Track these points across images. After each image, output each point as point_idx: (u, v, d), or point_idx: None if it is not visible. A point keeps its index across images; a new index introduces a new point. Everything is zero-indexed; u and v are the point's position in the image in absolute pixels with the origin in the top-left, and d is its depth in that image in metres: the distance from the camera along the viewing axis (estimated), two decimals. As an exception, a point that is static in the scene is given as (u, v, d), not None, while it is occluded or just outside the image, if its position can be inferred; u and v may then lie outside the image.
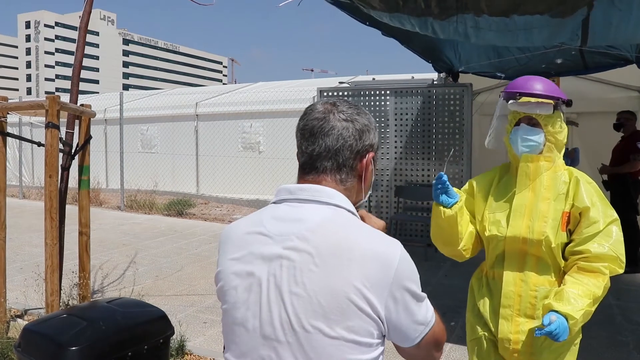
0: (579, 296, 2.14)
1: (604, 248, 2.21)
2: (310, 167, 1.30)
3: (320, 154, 1.28)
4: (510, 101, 2.35)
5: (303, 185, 1.28)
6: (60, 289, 4.23)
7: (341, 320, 1.14)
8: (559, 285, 2.26)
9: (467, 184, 2.58)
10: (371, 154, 1.34)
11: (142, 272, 6.67)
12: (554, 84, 2.35)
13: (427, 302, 1.28)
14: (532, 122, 2.33)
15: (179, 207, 11.44)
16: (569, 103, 2.35)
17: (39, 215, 10.54)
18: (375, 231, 1.26)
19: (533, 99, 2.28)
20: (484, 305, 2.43)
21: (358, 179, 1.32)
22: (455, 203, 2.33)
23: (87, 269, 4.63)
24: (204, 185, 13.50)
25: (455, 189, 2.38)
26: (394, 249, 1.22)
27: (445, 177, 2.28)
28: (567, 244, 2.30)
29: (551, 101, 2.28)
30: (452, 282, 6.33)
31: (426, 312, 1.26)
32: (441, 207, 2.33)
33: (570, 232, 2.31)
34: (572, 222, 2.30)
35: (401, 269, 1.20)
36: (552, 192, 2.32)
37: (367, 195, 1.39)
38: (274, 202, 1.31)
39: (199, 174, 13.61)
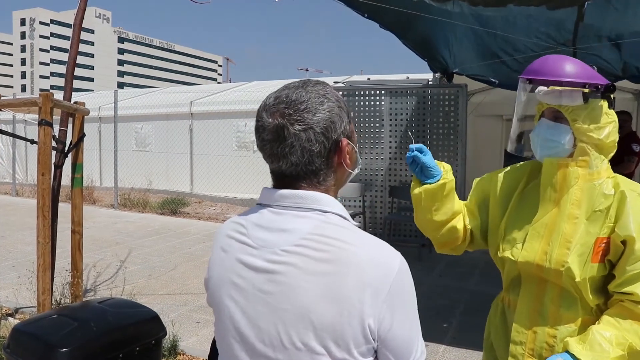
0: (609, 343, 1.63)
1: None
2: (282, 176, 1.20)
3: (288, 168, 1.17)
4: (537, 89, 1.81)
5: (284, 192, 1.17)
6: (52, 288, 4.21)
7: (333, 337, 1.07)
8: (587, 327, 1.74)
9: (483, 178, 2.05)
10: (344, 141, 1.19)
11: (135, 271, 6.64)
12: (586, 65, 1.77)
13: (420, 336, 1.18)
14: (556, 116, 1.80)
15: (173, 205, 11.41)
16: (610, 88, 1.75)
17: (32, 213, 10.48)
18: (370, 237, 1.16)
19: (557, 87, 1.74)
20: (496, 337, 1.98)
21: (338, 166, 1.20)
22: (428, 183, 1.86)
23: (79, 267, 4.60)
24: (198, 184, 13.47)
25: (441, 166, 1.90)
26: (393, 258, 1.13)
27: (411, 152, 1.83)
28: (606, 276, 1.77)
29: (581, 88, 1.71)
30: (446, 282, 6.33)
31: (417, 345, 1.16)
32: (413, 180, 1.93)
33: (611, 264, 1.76)
34: (613, 252, 1.73)
35: (398, 281, 1.11)
36: (584, 208, 1.77)
37: (357, 169, 1.27)
38: (258, 204, 1.24)
39: (193, 172, 13.59)
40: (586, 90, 1.71)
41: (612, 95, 1.77)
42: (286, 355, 1.10)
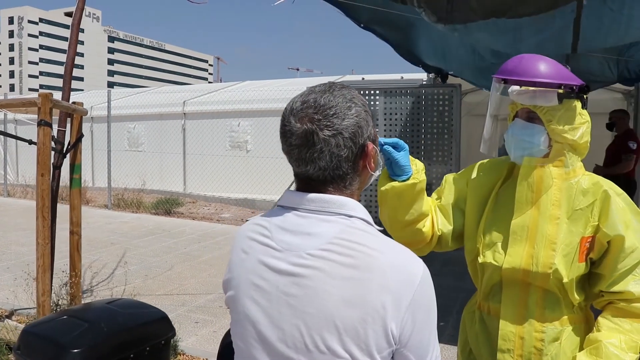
0: (622, 350, 1.64)
1: None
2: (308, 180, 1.20)
3: (315, 173, 1.17)
4: (511, 89, 1.77)
5: (311, 195, 1.18)
6: (51, 289, 4.20)
7: (356, 341, 1.09)
8: (571, 324, 1.79)
9: (456, 178, 1.98)
10: (370, 145, 1.20)
11: (132, 271, 6.62)
12: (560, 66, 1.76)
13: (436, 340, 1.21)
14: (530, 116, 1.77)
15: (167, 205, 11.38)
16: (584, 89, 1.73)
17: (25, 214, 10.45)
18: (394, 243, 1.17)
19: (532, 87, 1.72)
20: (478, 347, 1.92)
21: (363, 169, 1.22)
22: (396, 180, 1.76)
23: (78, 268, 4.59)
24: (191, 184, 13.45)
25: (414, 164, 1.78)
26: (417, 266, 1.15)
27: (381, 146, 1.68)
28: (586, 275, 1.79)
29: (556, 88, 1.69)
30: (442, 281, 6.36)
31: (433, 351, 1.19)
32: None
33: (591, 262, 1.79)
34: (597, 250, 1.76)
35: (422, 289, 1.13)
36: (564, 208, 1.76)
37: (379, 171, 1.28)
38: (280, 206, 1.24)
39: (186, 172, 13.57)
40: (561, 91, 1.70)
41: (585, 96, 1.76)
42: (309, 358, 1.11)
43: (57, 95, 4.38)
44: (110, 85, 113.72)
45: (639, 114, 7.01)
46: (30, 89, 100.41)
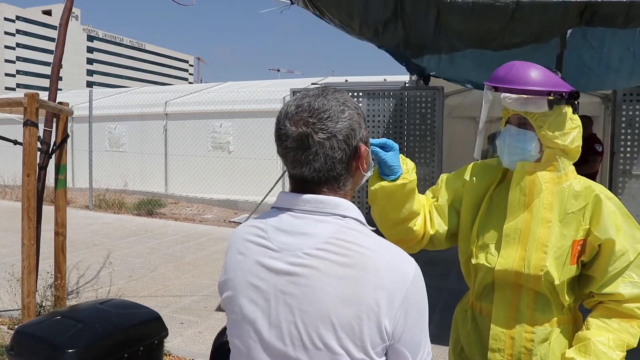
0: (610, 348, 1.70)
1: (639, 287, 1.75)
2: (303, 181, 1.23)
3: (310, 174, 1.20)
4: (503, 96, 1.82)
5: (306, 196, 1.21)
6: (36, 290, 4.17)
7: (352, 338, 1.12)
8: (561, 325, 1.84)
9: (450, 178, 2.01)
10: (362, 147, 1.24)
11: (115, 272, 6.57)
12: (550, 73, 1.80)
13: (428, 338, 1.23)
14: (522, 122, 1.81)
15: (149, 206, 11.33)
16: (573, 95, 1.77)
17: (4, 214, 10.31)
18: (387, 243, 1.21)
19: (523, 94, 1.76)
20: (469, 345, 1.96)
21: (356, 170, 1.25)
22: (386, 180, 1.77)
23: (63, 269, 4.57)
24: (173, 185, 13.40)
25: (404, 163, 1.78)
26: (409, 265, 1.19)
27: (372, 147, 1.65)
28: (576, 277, 1.84)
29: (546, 95, 1.74)
30: (425, 281, 6.43)
31: (425, 347, 1.22)
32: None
33: (582, 264, 1.84)
34: (588, 253, 1.81)
35: (414, 286, 1.17)
36: (556, 211, 1.80)
37: (370, 171, 1.32)
38: (276, 207, 1.26)
39: (168, 173, 13.50)
40: (551, 98, 1.74)
41: (576, 102, 1.80)
42: (306, 355, 1.15)
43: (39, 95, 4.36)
44: (90, 84, 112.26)
45: (616, 118, 7.17)
46: (7, 88, 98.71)
